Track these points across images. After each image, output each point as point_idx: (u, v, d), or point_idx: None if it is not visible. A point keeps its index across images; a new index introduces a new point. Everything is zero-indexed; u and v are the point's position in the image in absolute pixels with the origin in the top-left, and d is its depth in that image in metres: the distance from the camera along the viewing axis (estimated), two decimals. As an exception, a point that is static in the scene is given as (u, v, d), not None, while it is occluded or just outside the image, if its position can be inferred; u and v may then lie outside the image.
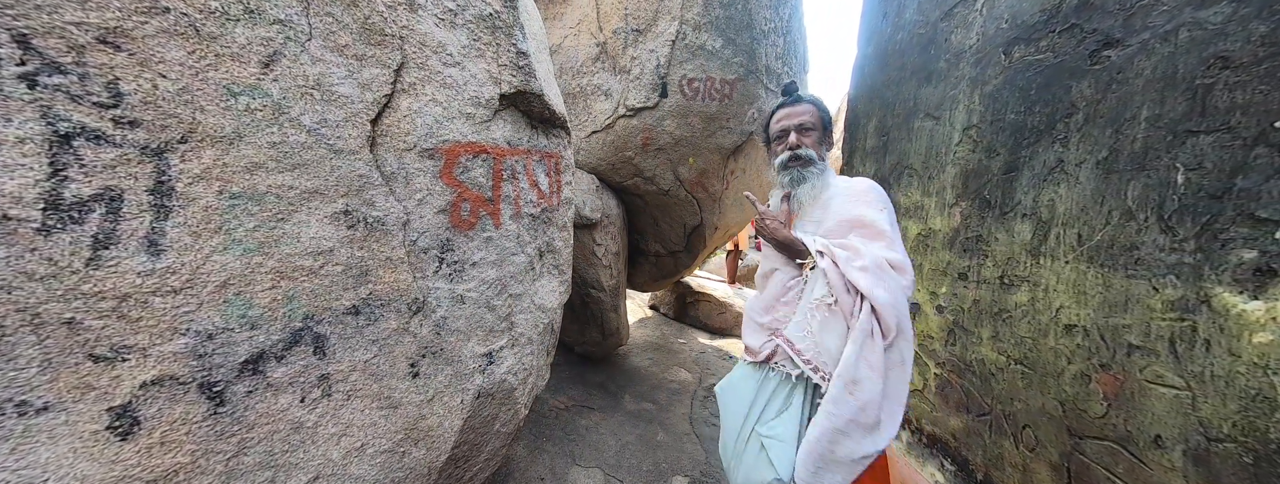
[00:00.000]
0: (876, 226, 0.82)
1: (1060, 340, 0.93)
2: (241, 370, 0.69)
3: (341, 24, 0.78)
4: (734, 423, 0.90)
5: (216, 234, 0.66)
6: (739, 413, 0.89)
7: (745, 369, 0.95)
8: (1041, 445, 0.97)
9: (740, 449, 0.87)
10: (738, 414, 0.90)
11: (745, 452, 0.85)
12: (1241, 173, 0.65)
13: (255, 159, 0.69)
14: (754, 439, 0.85)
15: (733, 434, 0.90)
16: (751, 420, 0.87)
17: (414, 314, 0.90)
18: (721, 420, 0.96)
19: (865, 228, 0.83)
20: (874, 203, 0.86)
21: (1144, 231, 0.78)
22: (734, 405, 0.92)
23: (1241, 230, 0.65)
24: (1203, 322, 0.68)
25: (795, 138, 0.94)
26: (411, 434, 0.90)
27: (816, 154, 0.94)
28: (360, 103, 0.81)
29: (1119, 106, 0.84)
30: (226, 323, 0.67)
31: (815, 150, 0.94)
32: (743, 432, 0.87)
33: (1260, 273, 0.62)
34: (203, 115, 0.65)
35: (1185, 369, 0.70)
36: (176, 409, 0.63)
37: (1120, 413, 0.80)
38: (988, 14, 1.21)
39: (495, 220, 1.08)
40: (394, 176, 0.87)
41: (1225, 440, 0.65)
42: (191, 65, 0.64)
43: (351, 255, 0.80)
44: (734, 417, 0.91)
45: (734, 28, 2.41)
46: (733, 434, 0.90)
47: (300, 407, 0.75)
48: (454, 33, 0.96)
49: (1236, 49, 0.67)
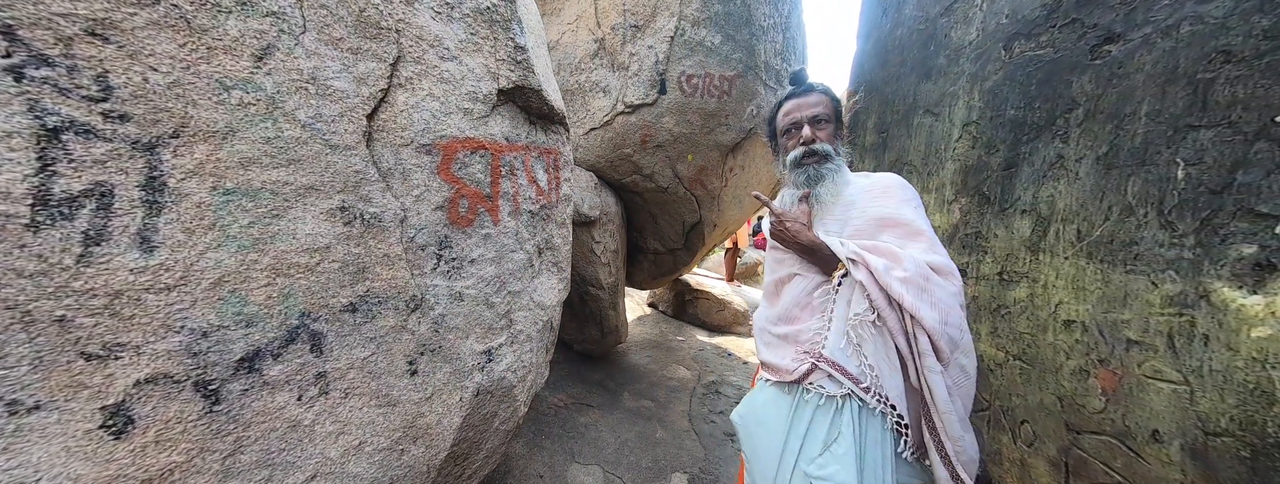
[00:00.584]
0: (912, 225, 0.73)
1: (1059, 336, 0.93)
2: (237, 368, 0.68)
3: (336, 17, 0.77)
4: (769, 459, 0.74)
5: (210, 230, 0.66)
6: (773, 447, 0.74)
7: (769, 392, 0.80)
8: (1039, 440, 0.97)
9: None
10: (772, 449, 0.74)
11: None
12: (1242, 168, 0.65)
13: (249, 154, 0.68)
14: (799, 480, 0.70)
15: (768, 473, 0.74)
16: (790, 456, 0.72)
17: (412, 311, 0.89)
18: (747, 454, 0.80)
19: (899, 227, 0.74)
20: (908, 200, 0.77)
21: (1144, 227, 0.78)
22: (764, 438, 0.76)
23: (1241, 225, 0.65)
24: (1201, 317, 0.68)
25: (810, 131, 0.84)
26: (410, 432, 0.89)
27: (834, 149, 0.85)
28: (356, 97, 0.80)
29: (1120, 102, 0.84)
30: (221, 320, 0.66)
31: (832, 144, 0.85)
32: (781, 471, 0.72)
33: (1260, 268, 0.63)
34: (195, 109, 0.64)
35: (1183, 364, 0.70)
36: (171, 408, 0.62)
37: (1118, 408, 0.80)
38: (988, 9, 1.20)
39: (494, 217, 1.07)
40: (391, 172, 0.86)
41: (1223, 435, 0.66)
42: (183, 58, 0.63)
43: (348, 252, 0.79)
44: (768, 451, 0.75)
45: (733, 24, 2.39)
46: (768, 473, 0.74)
47: (297, 405, 0.74)
48: (451, 26, 0.95)
49: (1238, 43, 0.67)
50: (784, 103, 0.92)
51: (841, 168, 0.86)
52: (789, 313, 0.82)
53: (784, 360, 0.79)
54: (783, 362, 0.79)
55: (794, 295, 0.82)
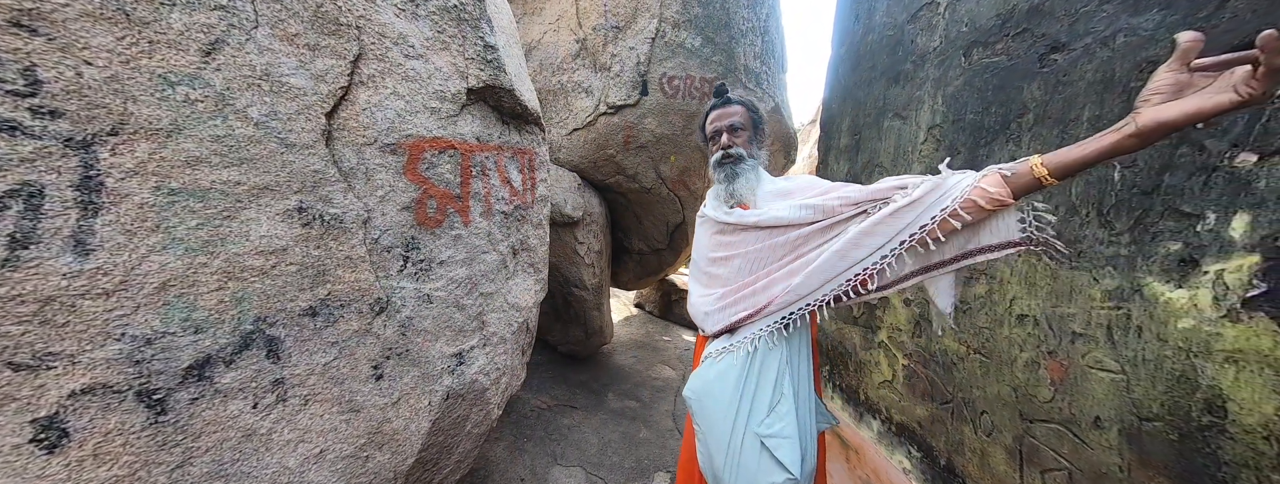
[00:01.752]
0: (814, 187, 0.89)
1: (1013, 330, 0.98)
2: (185, 376, 0.65)
3: (291, 12, 0.74)
4: (723, 427, 0.82)
5: (154, 232, 0.63)
6: (727, 416, 0.83)
7: (717, 368, 0.88)
8: (997, 430, 1.01)
9: (735, 454, 0.80)
10: (725, 418, 0.83)
11: (743, 455, 0.79)
12: (1168, 171, 0.70)
13: (196, 153, 0.66)
14: (750, 441, 0.79)
15: (722, 442, 0.82)
16: (742, 420, 0.81)
17: (377, 314, 0.87)
18: (702, 427, 0.87)
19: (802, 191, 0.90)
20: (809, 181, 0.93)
21: (1085, 225, 0.82)
22: (716, 409, 0.84)
23: (1168, 224, 0.69)
24: (1136, 309, 0.73)
25: (727, 138, 0.99)
26: (375, 438, 0.87)
27: (747, 152, 0.99)
28: (314, 95, 0.77)
29: (1064, 107, 0.88)
30: (167, 327, 0.64)
31: (746, 149, 1.00)
32: (733, 435, 0.81)
33: (1184, 263, 0.67)
34: (136, 106, 0.61)
35: (1121, 354, 0.75)
36: (111, 419, 0.59)
37: (1065, 397, 0.85)
38: (949, 18, 1.25)
39: (464, 218, 1.06)
40: (353, 172, 0.84)
41: (1155, 419, 0.70)
42: (121, 52, 0.60)
43: (307, 254, 0.77)
44: (722, 420, 0.83)
45: (712, 26, 2.42)
46: (722, 442, 0.82)
47: (252, 413, 0.72)
48: (416, 24, 0.93)
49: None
50: (710, 112, 1.05)
51: (755, 167, 0.99)
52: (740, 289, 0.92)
53: (725, 317, 0.90)
54: (723, 318, 0.90)
55: (739, 269, 0.93)
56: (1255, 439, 0.59)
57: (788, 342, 0.85)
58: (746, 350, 0.86)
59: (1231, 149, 0.62)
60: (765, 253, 0.87)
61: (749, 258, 0.89)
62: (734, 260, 0.91)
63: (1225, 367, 0.62)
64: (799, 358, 0.87)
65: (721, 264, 0.94)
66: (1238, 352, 0.61)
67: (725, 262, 0.93)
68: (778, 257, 0.85)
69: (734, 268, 0.91)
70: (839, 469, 1.63)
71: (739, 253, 0.90)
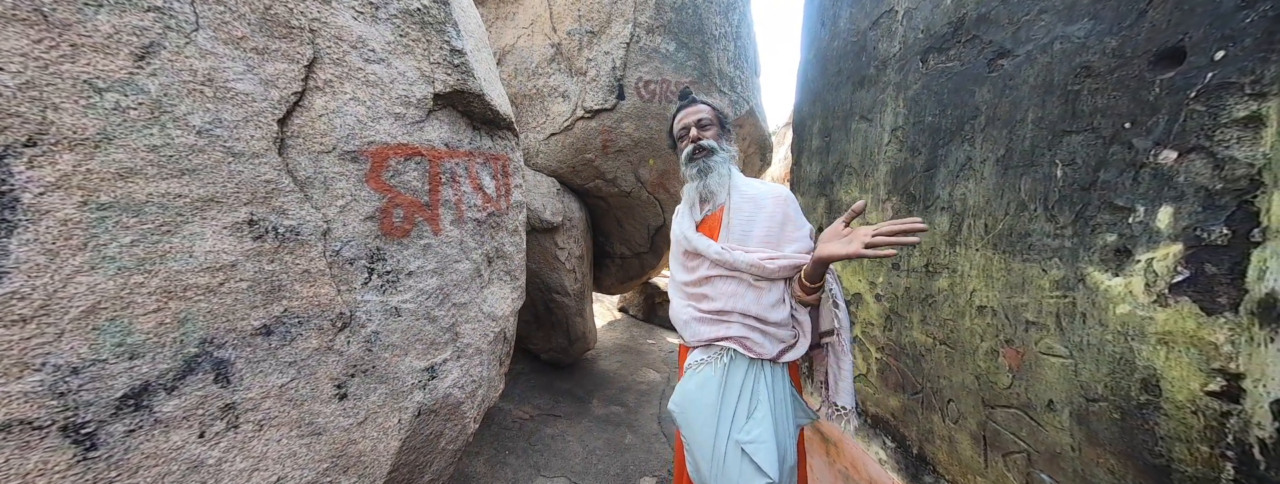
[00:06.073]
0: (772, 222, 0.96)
1: (975, 321, 1.02)
2: (119, 407, 0.60)
3: (236, 14, 0.71)
4: (706, 436, 0.86)
5: (80, 251, 0.58)
6: (708, 425, 0.86)
7: (698, 379, 0.92)
8: (962, 417, 1.06)
9: (719, 462, 0.84)
10: (707, 427, 0.86)
11: (726, 464, 0.83)
12: (1103, 167, 0.75)
13: (129, 164, 0.61)
14: (732, 449, 0.84)
15: (706, 451, 0.86)
16: (724, 428, 0.85)
17: (340, 330, 0.83)
18: (687, 437, 0.91)
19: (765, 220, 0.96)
20: (796, 209, 0.99)
21: (1034, 220, 0.87)
22: (699, 419, 0.88)
23: (1105, 217, 0.74)
24: (1080, 298, 0.78)
25: (696, 132, 1.00)
26: (340, 461, 0.83)
27: (718, 144, 1.00)
28: (264, 101, 0.73)
29: (1011, 110, 0.94)
30: (97, 354, 0.58)
31: (717, 142, 1.00)
32: (717, 442, 0.85)
33: (1119, 253, 0.72)
34: (57, 114, 0.56)
35: (1069, 340, 0.80)
36: (31, 458, 0.54)
37: (1022, 382, 0.89)
38: (908, 24, 1.31)
39: (434, 226, 1.02)
40: (310, 181, 0.80)
41: (1100, 400, 0.74)
42: (38, 56, 0.55)
43: (260, 269, 0.73)
44: (704, 429, 0.87)
45: (686, 32, 2.45)
46: (706, 451, 0.86)
47: (199, 442, 0.66)
48: (376, 27, 0.90)
49: (1096, 60, 0.77)
50: (676, 114, 1.08)
51: (727, 162, 1.01)
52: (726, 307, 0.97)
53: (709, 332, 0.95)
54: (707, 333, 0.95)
55: (730, 289, 0.97)
56: (1185, 414, 0.64)
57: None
58: (723, 363, 0.91)
59: (1155, 147, 0.68)
60: (728, 281, 0.93)
61: (715, 284, 0.95)
62: (703, 284, 0.97)
63: (1157, 348, 0.67)
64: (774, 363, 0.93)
65: (693, 285, 0.99)
66: (1167, 333, 0.65)
67: (696, 284, 0.98)
68: (740, 290, 0.93)
69: (704, 289, 0.96)
70: (820, 463, 1.66)
71: (705, 275, 0.96)
